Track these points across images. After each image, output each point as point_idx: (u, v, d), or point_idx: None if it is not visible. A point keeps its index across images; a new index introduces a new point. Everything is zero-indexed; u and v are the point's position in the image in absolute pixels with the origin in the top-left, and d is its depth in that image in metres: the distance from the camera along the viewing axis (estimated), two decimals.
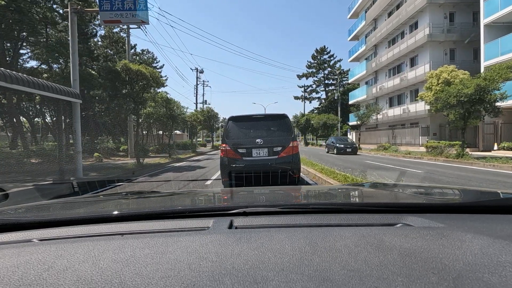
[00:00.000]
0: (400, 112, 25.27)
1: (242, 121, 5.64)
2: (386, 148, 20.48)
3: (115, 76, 11.88)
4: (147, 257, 0.56)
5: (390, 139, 25.82)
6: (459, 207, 0.96)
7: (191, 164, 14.37)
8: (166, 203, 1.29)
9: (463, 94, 11.56)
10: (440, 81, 17.77)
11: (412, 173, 8.96)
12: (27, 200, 4.48)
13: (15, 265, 0.54)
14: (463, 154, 12.58)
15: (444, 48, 21.60)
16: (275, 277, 0.47)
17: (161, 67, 44.74)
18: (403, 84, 24.50)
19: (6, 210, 1.08)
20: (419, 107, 22.20)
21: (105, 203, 1.32)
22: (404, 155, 16.95)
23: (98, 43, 27.32)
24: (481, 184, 6.74)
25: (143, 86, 12.49)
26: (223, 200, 1.41)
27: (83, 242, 0.66)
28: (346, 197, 1.41)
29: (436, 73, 18.16)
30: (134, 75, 11.87)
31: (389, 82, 27.10)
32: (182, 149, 30.23)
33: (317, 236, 0.64)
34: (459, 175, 8.44)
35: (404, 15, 23.78)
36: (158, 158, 17.58)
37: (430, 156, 14.63)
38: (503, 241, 0.59)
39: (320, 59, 51.03)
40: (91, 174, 9.88)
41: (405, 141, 23.90)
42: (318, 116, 37.24)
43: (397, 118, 25.86)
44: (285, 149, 5.35)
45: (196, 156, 21.69)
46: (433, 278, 0.46)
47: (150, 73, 12.13)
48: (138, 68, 11.57)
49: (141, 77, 11.91)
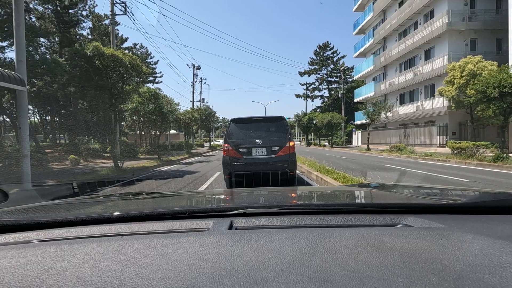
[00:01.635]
0: (413, 110, 23.18)
1: (242, 123, 5.96)
2: (401, 149, 18.40)
3: (86, 62, 9.82)
4: (147, 258, 0.56)
5: (401, 139, 23.76)
6: (459, 207, 0.96)
7: (181, 168, 12.32)
8: (166, 204, 1.29)
9: (507, 84, 9.52)
10: (464, 74, 15.72)
11: (458, 182, 6.90)
12: (26, 201, 4.65)
13: (15, 266, 0.54)
14: (504, 157, 10.52)
15: (465, 38, 19.52)
16: (275, 278, 0.47)
17: (155, 63, 42.59)
18: (416, 79, 22.43)
19: (6, 211, 1.07)
20: (436, 104, 20.13)
21: (105, 204, 1.31)
22: (424, 157, 14.85)
23: (88, 36, 25.30)
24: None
25: (121, 76, 10.43)
26: (223, 201, 1.42)
27: (83, 243, 0.66)
28: (346, 198, 1.39)
29: (460, 64, 16.10)
30: (110, 62, 9.81)
31: (400, 77, 25.02)
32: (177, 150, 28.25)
33: (317, 237, 0.64)
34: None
35: (418, 3, 21.69)
36: (146, 160, 15.54)
37: (458, 158, 12.57)
38: (503, 242, 0.59)
39: (323, 55, 48.84)
40: (47, 181, 7.82)
41: (419, 141, 21.84)
42: (322, 114, 35.12)
43: (410, 116, 23.79)
44: (282, 149, 5.68)
45: (190, 158, 19.63)
46: (434, 279, 0.46)
47: (128, 60, 10.06)
48: (113, 52, 9.49)
49: (118, 64, 9.84)
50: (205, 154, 24.17)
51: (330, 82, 49.72)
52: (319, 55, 49.11)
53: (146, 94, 15.01)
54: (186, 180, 8.06)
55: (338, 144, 37.90)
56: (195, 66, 39.05)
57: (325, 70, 49.36)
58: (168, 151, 27.84)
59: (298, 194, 1.61)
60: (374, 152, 20.91)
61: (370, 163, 12.83)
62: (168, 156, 18.47)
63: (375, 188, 1.70)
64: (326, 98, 49.92)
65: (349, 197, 1.42)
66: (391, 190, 1.52)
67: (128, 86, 11.38)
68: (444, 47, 19.82)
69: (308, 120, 39.76)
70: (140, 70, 10.62)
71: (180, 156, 19.71)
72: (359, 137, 35.20)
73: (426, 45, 21.76)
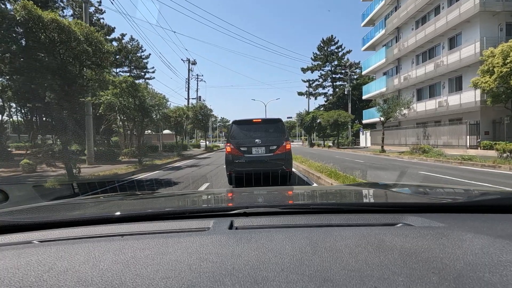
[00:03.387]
0: (434, 106, 20.44)
1: (243, 124, 6.54)
2: (426, 151, 15.66)
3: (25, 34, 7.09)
4: (148, 258, 0.56)
5: (420, 140, 21.06)
6: (460, 206, 0.96)
7: (161, 176, 9.61)
8: (166, 203, 1.29)
9: None
10: (508, 61, 13.03)
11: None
12: (27, 201, 4.58)
13: (16, 266, 0.54)
14: None
15: (499, 21, 16.80)
16: (275, 277, 0.47)
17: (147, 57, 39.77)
18: (439, 70, 19.69)
19: (6, 212, 1.07)
20: (465, 98, 17.40)
21: (105, 204, 1.31)
22: (460, 161, 12.11)
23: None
24: None
25: (75, 55, 7.68)
26: (223, 200, 1.41)
27: (83, 243, 0.66)
28: (347, 197, 1.39)
29: (502, 49, 13.38)
30: (56, 34, 7.08)
31: (418, 70, 22.28)
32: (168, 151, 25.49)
33: (317, 236, 0.64)
34: None
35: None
36: (125, 165, 12.80)
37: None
38: (503, 241, 0.59)
39: (327, 50, 45.89)
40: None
41: (441, 141, 19.12)
42: (327, 113, 32.30)
43: (430, 113, 21.06)
44: (279, 148, 6.22)
45: (179, 161, 16.85)
46: (434, 278, 0.46)
47: (82, 32, 7.32)
48: (55, 17, 6.73)
49: (66, 36, 7.09)
50: (198, 156, 21.41)
51: (334, 79, 46.83)
52: (323, 50, 46.16)
53: (123, 85, 12.28)
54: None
55: (344, 144, 35.08)
56: (190, 61, 36.33)
57: (329, 66, 46.42)
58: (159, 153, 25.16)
59: (298, 194, 1.61)
60: (391, 154, 18.18)
61: (399, 170, 10.11)
62: (154, 160, 15.74)
63: (375, 187, 1.68)
64: (330, 95, 47.10)
65: (349, 196, 1.41)
66: (391, 189, 1.51)
67: (89, 71, 8.61)
68: (474, 33, 17.09)
69: (311, 119, 37.03)
70: (101, 49, 7.86)
71: (169, 159, 16.95)
72: (367, 137, 32.45)
73: (451, 32, 19.03)
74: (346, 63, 41.01)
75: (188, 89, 35.24)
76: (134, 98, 12.72)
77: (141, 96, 12.50)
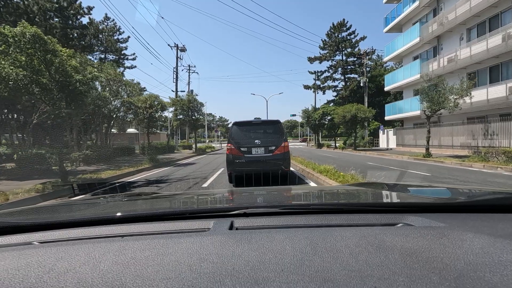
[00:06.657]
0: (504, 93, 14.92)
1: (243, 126, 6.99)
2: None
3: None
4: (148, 259, 0.56)
5: (476, 139, 15.61)
6: (460, 206, 0.95)
7: None
8: (166, 204, 1.29)
9: None
10: None
11: None
12: (27, 202, 4.73)
13: (16, 267, 0.54)
14: None
15: None
16: (276, 278, 0.47)
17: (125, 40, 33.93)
18: (508, 46, 14.23)
19: (6, 213, 1.06)
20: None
21: (105, 205, 1.31)
22: None
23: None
24: None
25: None
26: (223, 201, 1.40)
27: (83, 244, 0.66)
28: (347, 197, 1.39)
29: None
30: None
31: (473, 47, 16.78)
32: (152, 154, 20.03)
33: (317, 237, 0.64)
34: None
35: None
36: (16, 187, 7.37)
37: None
38: (504, 240, 0.59)
39: (338, 36, 40.04)
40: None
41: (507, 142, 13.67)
42: (342, 107, 26.74)
43: (493, 104, 15.56)
44: (278, 148, 6.59)
45: (145, 172, 11.17)
46: (434, 278, 0.46)
47: None
48: None
49: None
50: (180, 163, 15.87)
51: (346, 71, 41.17)
52: (332, 36, 40.31)
53: (21, 39, 6.75)
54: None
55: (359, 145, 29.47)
56: (178, 47, 30.71)
57: (340, 55, 40.67)
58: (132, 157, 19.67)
59: (299, 194, 1.61)
60: (447, 161, 12.66)
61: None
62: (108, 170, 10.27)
63: (376, 187, 1.67)
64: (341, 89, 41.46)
65: (349, 196, 1.41)
66: (391, 189, 1.49)
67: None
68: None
69: (321, 115, 31.48)
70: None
71: (132, 167, 11.43)
72: (389, 137, 26.93)
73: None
74: (362, 50, 35.42)
75: (176, 80, 29.65)
76: (47, 66, 7.19)
77: (53, 59, 6.95)
